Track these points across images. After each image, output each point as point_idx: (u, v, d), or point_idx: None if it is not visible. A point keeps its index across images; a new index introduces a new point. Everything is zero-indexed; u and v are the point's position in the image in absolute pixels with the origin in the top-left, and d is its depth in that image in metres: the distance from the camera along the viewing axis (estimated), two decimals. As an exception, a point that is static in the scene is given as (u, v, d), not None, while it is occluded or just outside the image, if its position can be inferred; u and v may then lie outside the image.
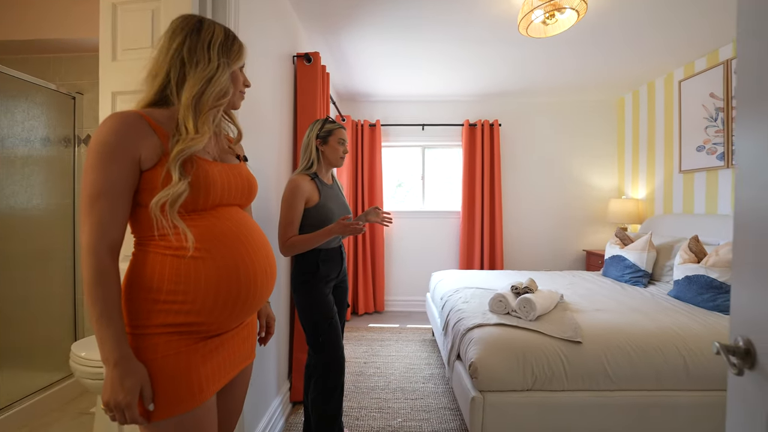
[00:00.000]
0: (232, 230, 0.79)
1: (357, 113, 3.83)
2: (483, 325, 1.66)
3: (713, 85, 2.57)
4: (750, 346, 0.69)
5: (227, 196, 0.81)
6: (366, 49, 2.63)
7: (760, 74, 0.65)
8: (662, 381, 1.45)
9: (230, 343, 0.81)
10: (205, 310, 0.72)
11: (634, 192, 3.49)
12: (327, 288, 1.47)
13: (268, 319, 1.05)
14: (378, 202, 3.67)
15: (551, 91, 3.49)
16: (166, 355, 0.70)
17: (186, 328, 0.72)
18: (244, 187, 0.86)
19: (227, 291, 0.74)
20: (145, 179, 0.71)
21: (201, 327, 0.73)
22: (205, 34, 0.78)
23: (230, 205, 0.83)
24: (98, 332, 0.65)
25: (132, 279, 0.73)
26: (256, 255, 0.81)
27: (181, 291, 0.71)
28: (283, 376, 1.98)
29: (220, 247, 0.75)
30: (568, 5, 1.82)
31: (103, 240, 0.66)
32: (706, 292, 1.86)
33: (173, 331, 0.71)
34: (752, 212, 0.69)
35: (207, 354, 0.75)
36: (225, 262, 0.75)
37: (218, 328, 0.76)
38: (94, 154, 0.67)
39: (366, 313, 3.70)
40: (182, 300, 0.71)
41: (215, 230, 0.76)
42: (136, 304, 0.71)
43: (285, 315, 2.00)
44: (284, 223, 1.40)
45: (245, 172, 0.89)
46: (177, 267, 0.71)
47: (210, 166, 0.78)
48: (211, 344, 0.76)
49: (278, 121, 1.88)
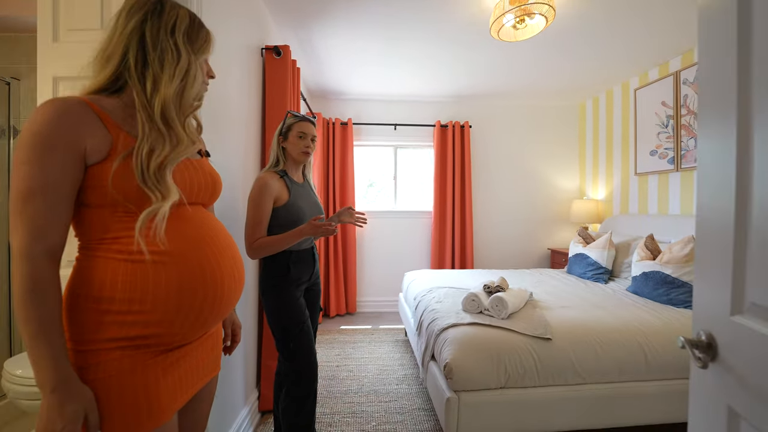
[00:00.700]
0: (195, 231, 0.72)
1: (328, 111, 3.75)
2: (457, 325, 1.66)
3: (664, 94, 2.76)
4: (711, 340, 0.72)
5: (189, 194, 0.74)
6: (338, 45, 2.57)
7: (718, 87, 0.69)
8: (624, 373, 1.53)
9: (194, 355, 0.74)
10: (165, 320, 0.65)
11: (594, 193, 3.68)
12: (298, 291, 1.41)
13: (233, 327, 0.98)
14: (350, 201, 3.61)
15: (519, 94, 3.61)
16: (118, 373, 0.62)
17: (143, 341, 0.64)
18: (208, 184, 0.79)
19: (191, 298, 0.67)
20: (91, 175, 0.62)
21: (161, 339, 0.66)
22: (168, 17, 0.70)
23: (192, 203, 0.76)
24: (33, 352, 0.56)
25: (76, 288, 0.64)
26: (222, 258, 0.74)
27: (137, 300, 0.63)
28: (251, 384, 1.88)
29: (182, 250, 0.68)
30: (538, 11, 1.87)
31: (39, 243, 0.57)
32: (661, 287, 1.98)
33: (127, 346, 0.63)
34: (712, 213, 0.72)
35: (167, 368, 0.68)
36: (188, 266, 0.68)
37: (181, 340, 0.69)
38: (27, 144, 0.57)
39: (338, 315, 3.63)
40: (138, 310, 0.63)
41: (176, 232, 0.69)
42: (82, 316, 0.62)
43: (252, 319, 1.90)
44: (251, 224, 1.32)
45: (208, 168, 0.82)
46: (132, 273, 0.63)
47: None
48: (172, 357, 0.69)
49: (245, 116, 1.79)
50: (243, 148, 1.77)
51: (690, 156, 2.54)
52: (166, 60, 0.67)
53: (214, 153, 1.41)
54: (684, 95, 2.59)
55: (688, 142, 2.56)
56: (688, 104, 2.56)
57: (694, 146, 2.50)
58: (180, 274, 0.67)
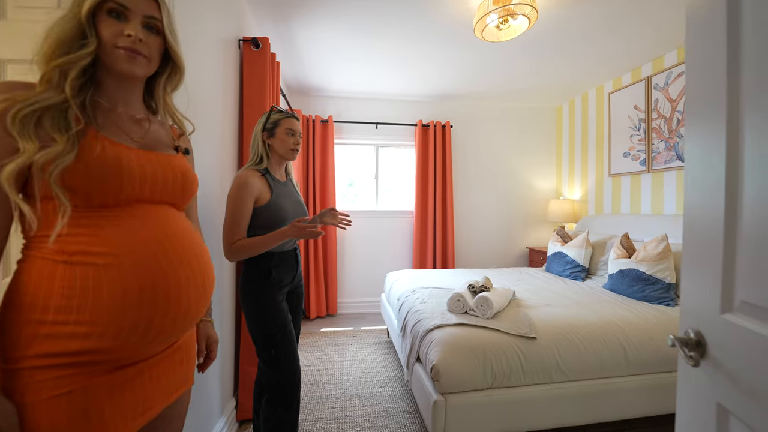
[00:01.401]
0: (152, 233, 0.65)
1: (308, 108, 3.66)
2: (443, 326, 1.64)
3: (636, 99, 2.86)
4: (700, 338, 0.72)
5: (151, 191, 0.67)
6: (320, 40, 2.49)
7: (707, 88, 0.69)
8: (606, 369, 1.56)
9: (155, 371, 0.66)
10: (108, 333, 0.57)
11: (570, 193, 3.79)
12: (280, 295, 1.34)
13: (208, 341, 0.90)
14: (330, 201, 3.54)
15: (498, 96, 3.66)
16: (52, 396, 0.53)
17: (85, 357, 0.56)
18: (176, 181, 0.72)
19: (138, 308, 0.59)
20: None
21: (107, 355, 0.58)
22: None
23: (157, 202, 0.69)
24: None
25: (9, 297, 0.56)
26: (183, 264, 0.67)
27: (76, 308, 0.55)
28: (228, 392, 1.78)
29: (132, 253, 0.60)
30: (521, 12, 1.88)
31: None
32: (636, 284, 2.05)
33: (65, 363, 0.54)
34: (700, 212, 0.73)
35: (116, 389, 0.59)
36: (137, 271, 0.60)
37: (132, 356, 0.61)
38: None
39: (318, 317, 3.55)
40: (76, 320, 0.55)
41: (128, 232, 0.61)
42: (12, 329, 0.54)
43: (230, 324, 1.81)
44: (230, 224, 1.24)
45: (179, 164, 0.75)
46: (71, 277, 0.55)
47: (124, 152, 0.64)
48: (123, 375, 0.61)
49: (221, 111, 1.69)
50: (219, 146, 1.67)
51: (660, 158, 2.65)
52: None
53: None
54: (655, 99, 2.70)
55: (658, 144, 2.67)
56: (658, 108, 2.67)
57: (665, 148, 2.62)
58: (124, 279, 0.58)
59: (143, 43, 0.67)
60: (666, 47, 2.54)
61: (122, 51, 0.65)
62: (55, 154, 0.55)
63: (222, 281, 1.69)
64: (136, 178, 0.64)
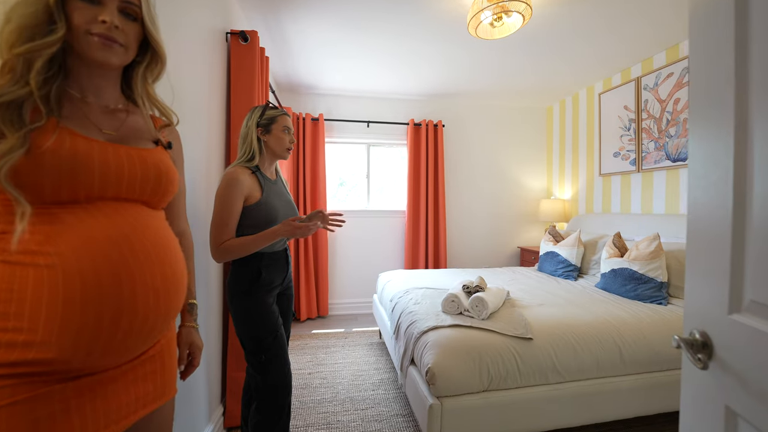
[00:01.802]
0: (110, 233, 0.58)
1: (298, 105, 3.60)
2: (438, 328, 1.60)
3: (626, 99, 2.89)
4: (706, 339, 0.70)
5: (116, 188, 0.61)
6: (310, 34, 2.44)
7: (713, 85, 0.67)
8: (602, 369, 1.54)
9: (120, 382, 0.59)
10: (52, 342, 0.51)
11: (560, 193, 3.81)
12: (270, 296, 1.29)
13: (191, 347, 0.84)
14: (321, 201, 3.48)
15: (490, 95, 3.65)
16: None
17: (27, 368, 0.50)
18: (146, 177, 0.65)
19: (82, 317, 0.53)
20: None
21: (53, 366, 0.51)
22: None
23: (125, 200, 0.63)
24: None
25: None
26: (144, 267, 0.60)
27: (13, 314, 0.49)
28: (216, 399, 1.72)
29: (80, 255, 0.54)
30: (515, 9, 1.87)
31: None
32: (629, 283, 2.06)
33: (6, 374, 0.49)
34: (706, 210, 0.71)
35: (73, 400, 0.53)
36: (84, 276, 0.53)
37: (86, 368, 0.55)
38: None
39: (309, 319, 3.48)
40: (15, 327, 0.49)
41: (82, 231, 0.55)
42: None
43: (217, 327, 1.74)
44: (218, 224, 1.18)
45: (155, 159, 0.68)
46: (9, 279, 0.50)
47: (85, 144, 0.58)
48: (81, 385, 0.54)
49: (207, 107, 1.62)
50: (206, 141, 1.60)
51: (650, 158, 2.68)
52: None
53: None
54: (644, 100, 2.72)
55: (648, 144, 2.70)
56: (648, 109, 2.70)
57: (654, 148, 2.64)
58: (68, 284, 0.52)
59: (119, 31, 0.61)
60: (655, 48, 2.56)
61: (96, 38, 0.59)
62: (4, 150, 0.49)
63: (209, 282, 1.62)
64: (95, 174, 0.57)
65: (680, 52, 2.45)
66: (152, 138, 0.72)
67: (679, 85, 2.43)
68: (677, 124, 2.45)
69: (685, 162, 2.39)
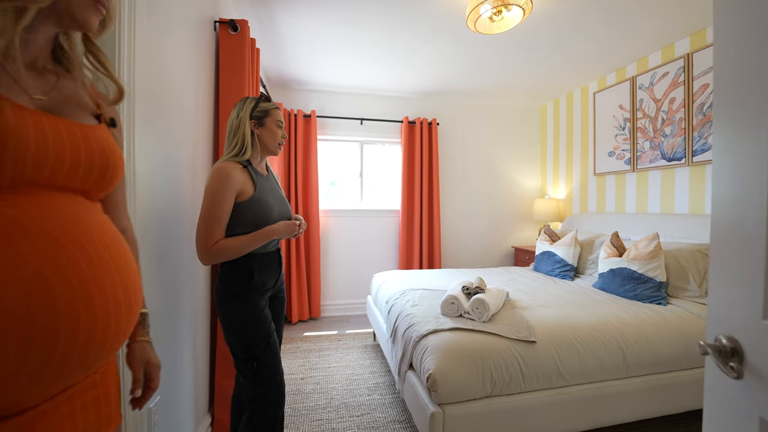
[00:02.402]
0: (53, 233, 0.45)
1: (290, 102, 3.49)
2: (438, 331, 1.54)
3: (621, 98, 2.88)
4: (736, 345, 0.65)
5: (52, 172, 0.47)
6: (303, 27, 2.35)
7: (745, 76, 0.62)
8: (605, 372, 1.51)
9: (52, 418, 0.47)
10: None
11: (554, 192, 3.80)
12: (263, 300, 1.20)
13: (147, 367, 0.68)
14: (313, 199, 3.39)
15: (484, 93, 3.61)
16: None
17: None
18: (92, 162, 0.52)
19: (3, 343, 0.40)
20: None
21: None
22: None
23: (60, 188, 0.50)
24: None
25: None
26: (103, 279, 0.49)
27: None
28: (203, 408, 1.62)
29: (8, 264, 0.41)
30: (516, 3, 1.82)
31: None
32: (628, 283, 2.03)
33: None
34: (734, 209, 0.66)
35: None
36: (3, 289, 0.40)
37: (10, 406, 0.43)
38: None
39: (300, 321, 3.39)
40: None
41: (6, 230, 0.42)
42: None
43: (204, 333, 1.65)
44: (208, 222, 1.09)
45: (98, 138, 0.54)
46: None
47: (17, 111, 0.44)
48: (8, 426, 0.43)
49: (194, 99, 1.52)
50: (192, 137, 1.51)
51: (645, 157, 2.67)
52: None
53: (154, 141, 1.17)
54: (640, 99, 2.72)
55: (643, 144, 2.69)
56: (643, 108, 2.69)
57: (649, 148, 2.64)
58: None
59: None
60: (650, 47, 2.56)
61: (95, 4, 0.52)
62: None
63: (195, 284, 1.53)
64: (30, 151, 0.44)
65: (676, 52, 2.45)
66: (92, 112, 0.57)
67: (675, 84, 2.43)
68: (672, 124, 2.45)
69: (680, 161, 2.39)
